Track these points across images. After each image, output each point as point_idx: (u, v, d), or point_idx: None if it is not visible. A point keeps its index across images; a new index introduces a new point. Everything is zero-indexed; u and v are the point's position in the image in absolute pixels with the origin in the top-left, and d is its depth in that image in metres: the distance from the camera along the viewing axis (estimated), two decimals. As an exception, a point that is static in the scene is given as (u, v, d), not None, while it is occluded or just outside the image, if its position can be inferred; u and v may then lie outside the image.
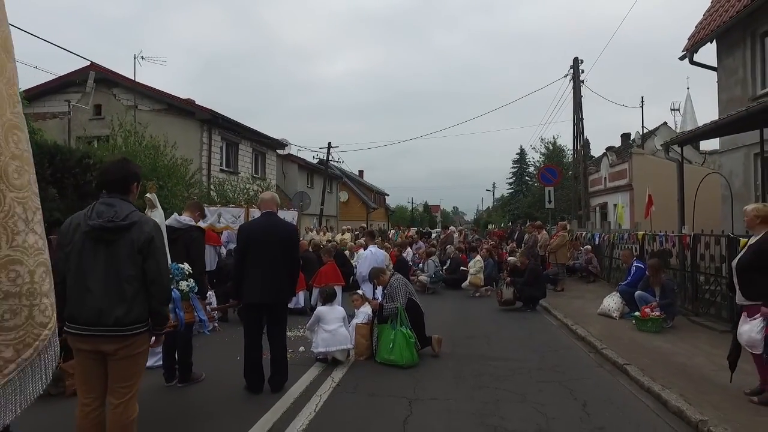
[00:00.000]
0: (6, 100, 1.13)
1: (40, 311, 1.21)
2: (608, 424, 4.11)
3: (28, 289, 1.18)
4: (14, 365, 1.15)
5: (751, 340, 4.31)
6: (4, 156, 1.13)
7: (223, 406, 4.45)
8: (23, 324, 1.16)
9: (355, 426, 4.07)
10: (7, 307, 1.14)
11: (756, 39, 11.12)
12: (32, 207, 1.20)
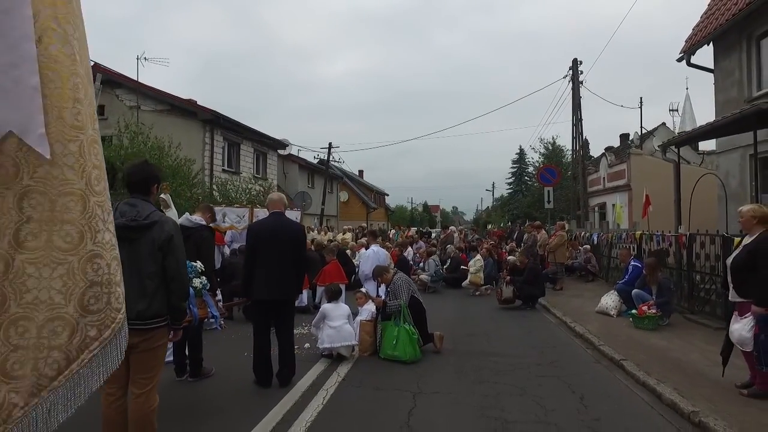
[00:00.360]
0: (89, 118, 1.30)
1: (115, 298, 1.39)
2: (604, 415, 4.28)
3: (107, 279, 1.35)
4: (97, 343, 1.32)
5: (742, 339, 4.49)
6: (88, 166, 1.30)
7: (233, 400, 4.61)
8: (104, 308, 1.34)
9: (362, 418, 4.24)
10: (92, 294, 1.31)
11: (752, 41, 11.29)
12: (107, 209, 1.37)
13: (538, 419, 4.18)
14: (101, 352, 1.32)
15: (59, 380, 1.23)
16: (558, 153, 37.31)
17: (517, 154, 50.68)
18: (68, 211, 1.24)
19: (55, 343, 1.21)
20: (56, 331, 1.22)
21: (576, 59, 21.14)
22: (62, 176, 1.23)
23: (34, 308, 1.20)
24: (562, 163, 34.03)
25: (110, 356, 1.34)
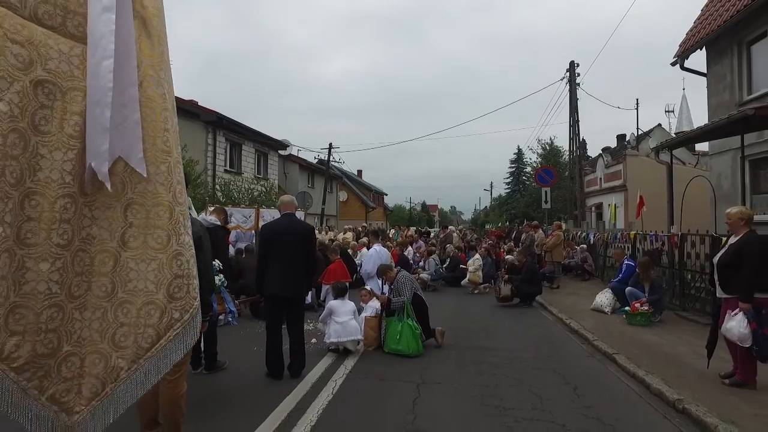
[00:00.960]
0: (174, 144, 1.59)
1: (193, 288, 1.68)
2: (596, 403, 4.59)
3: (187, 273, 1.64)
4: (180, 324, 1.62)
5: (741, 336, 4.69)
6: (174, 183, 1.59)
7: (247, 391, 4.91)
8: (185, 296, 1.63)
9: (370, 406, 4.54)
10: (176, 284, 1.61)
11: (743, 47, 11.63)
12: (187, 217, 1.66)
13: (533, 407, 4.49)
14: (182, 331, 1.62)
15: (152, 351, 1.53)
16: (555, 154, 37.68)
17: (515, 154, 51.11)
18: (159, 219, 1.54)
19: (149, 322, 1.51)
20: (150, 313, 1.52)
21: (573, 62, 21.50)
22: (155, 191, 1.53)
23: (134, 294, 1.50)
24: (559, 163, 34.39)
25: (189, 334, 1.64)
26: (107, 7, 1.29)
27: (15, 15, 1.18)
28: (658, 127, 27.04)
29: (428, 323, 6.65)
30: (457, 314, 9.47)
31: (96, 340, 1.42)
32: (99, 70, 1.29)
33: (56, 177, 1.29)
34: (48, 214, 1.28)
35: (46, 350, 1.31)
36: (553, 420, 4.18)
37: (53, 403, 1.33)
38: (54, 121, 1.28)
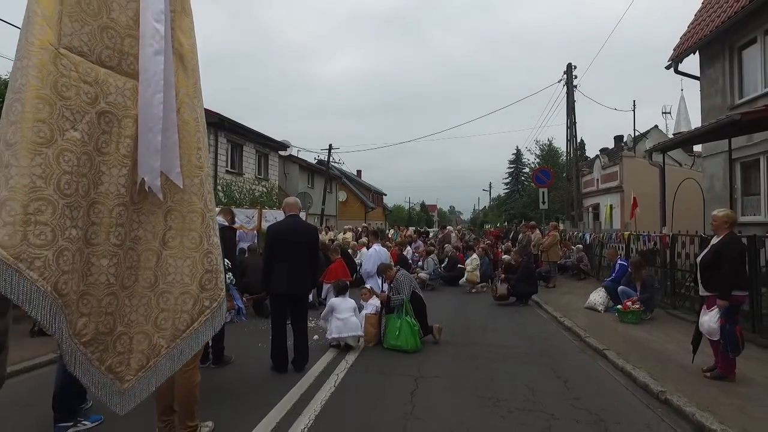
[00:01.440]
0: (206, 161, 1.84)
1: (220, 281, 1.94)
2: (584, 395, 4.85)
3: (216, 268, 1.90)
4: (209, 310, 1.88)
5: (710, 330, 5.03)
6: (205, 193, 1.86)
7: (254, 383, 5.16)
8: (213, 287, 1.89)
9: (371, 397, 4.79)
10: (207, 278, 1.87)
11: (734, 52, 11.89)
12: (215, 221, 1.91)
13: (525, 399, 4.75)
14: (211, 317, 1.88)
15: (187, 332, 1.79)
16: (554, 154, 37.96)
17: (514, 154, 51.43)
18: (193, 223, 1.80)
19: (185, 308, 1.77)
20: (185, 301, 1.78)
21: (570, 64, 21.75)
22: (190, 200, 1.79)
23: (172, 285, 1.76)
24: (557, 164, 34.66)
25: (216, 320, 1.90)
26: (158, 50, 1.54)
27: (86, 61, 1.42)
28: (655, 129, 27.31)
29: (426, 320, 6.90)
30: (454, 312, 9.72)
31: (141, 323, 1.67)
32: (152, 101, 1.55)
33: (113, 189, 1.54)
34: (107, 219, 1.54)
35: (105, 329, 1.56)
36: (543, 410, 4.44)
37: (110, 372, 1.58)
38: (112, 143, 1.53)
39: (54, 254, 1.30)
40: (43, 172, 1.29)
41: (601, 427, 4.09)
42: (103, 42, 1.50)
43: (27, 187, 1.25)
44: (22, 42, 1.33)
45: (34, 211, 1.26)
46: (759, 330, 6.53)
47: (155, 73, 1.54)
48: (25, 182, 1.25)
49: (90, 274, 1.49)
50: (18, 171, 1.25)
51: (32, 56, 1.31)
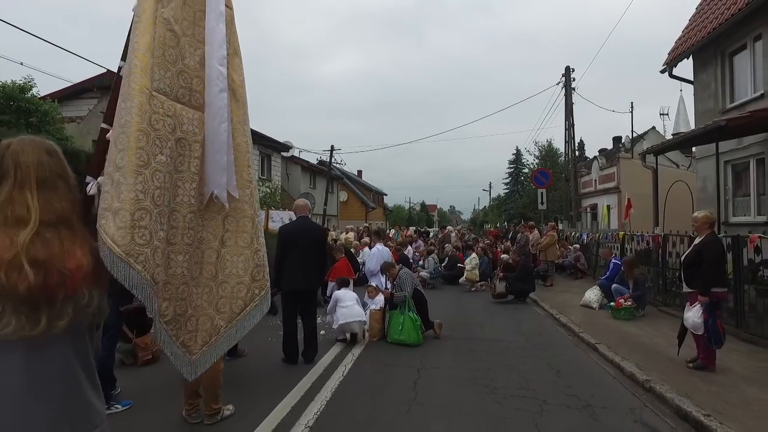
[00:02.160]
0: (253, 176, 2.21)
1: (266, 273, 2.32)
2: (575, 384, 5.23)
3: (263, 263, 2.28)
4: (258, 297, 2.25)
5: (695, 325, 5.39)
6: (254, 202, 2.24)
7: (268, 373, 5.53)
8: (261, 278, 2.26)
9: (377, 385, 5.17)
10: (257, 270, 2.24)
11: (725, 57, 12.26)
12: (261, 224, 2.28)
13: (520, 386, 5.13)
14: (259, 303, 2.26)
15: (241, 315, 2.17)
16: (553, 155, 38.32)
17: (514, 154, 51.66)
18: (245, 226, 2.18)
19: (239, 295, 2.15)
20: (240, 290, 2.16)
21: (568, 67, 22.11)
22: (242, 208, 2.17)
23: (229, 277, 2.14)
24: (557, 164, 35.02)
25: (263, 305, 2.28)
26: (222, 89, 1.92)
27: (168, 99, 1.80)
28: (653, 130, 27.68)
29: (427, 316, 7.28)
30: (454, 310, 10.10)
31: (205, 307, 2.05)
32: (219, 129, 1.93)
33: (186, 200, 1.92)
34: (181, 223, 1.91)
35: (180, 312, 1.93)
36: (536, 397, 4.81)
37: (183, 347, 1.95)
38: (185, 163, 1.90)
39: (151, 251, 1.67)
40: (142, 188, 1.67)
41: (588, 411, 4.46)
42: (178, 83, 1.88)
43: (133, 200, 1.63)
44: (125, 87, 1.71)
45: (137, 219, 1.64)
46: (742, 325, 6.91)
47: (221, 107, 1.92)
48: (132, 196, 1.63)
49: (170, 267, 1.86)
50: (126, 187, 1.63)
51: (134, 98, 1.69)
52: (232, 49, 2.05)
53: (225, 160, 1.93)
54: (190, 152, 1.88)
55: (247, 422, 4.12)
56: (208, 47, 1.91)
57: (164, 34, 1.79)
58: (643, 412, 4.45)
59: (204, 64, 1.92)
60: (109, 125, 1.80)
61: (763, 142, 10.47)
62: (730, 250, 7.19)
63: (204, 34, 1.92)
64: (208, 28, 1.93)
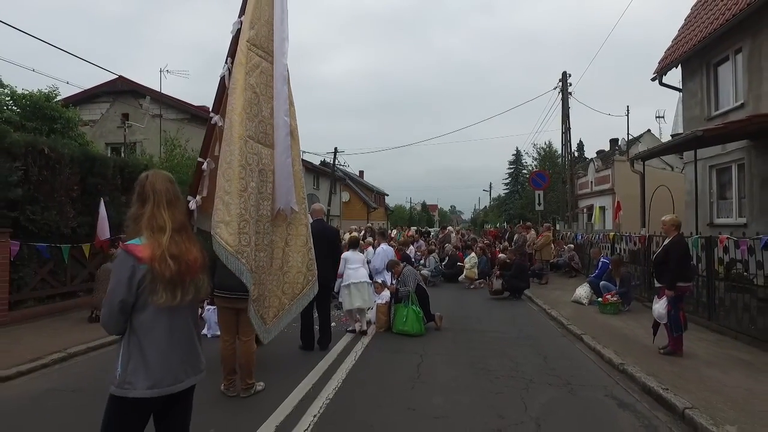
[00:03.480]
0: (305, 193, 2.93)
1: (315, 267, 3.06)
2: (559, 367, 5.95)
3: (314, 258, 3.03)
4: (310, 284, 3.00)
5: (659, 314, 6.14)
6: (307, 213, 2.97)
7: (289, 358, 6.26)
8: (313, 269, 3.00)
9: (385, 368, 5.90)
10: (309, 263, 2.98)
11: (710, 68, 12.97)
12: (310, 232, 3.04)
13: (510, 369, 5.86)
14: (311, 288, 3.00)
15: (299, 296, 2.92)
16: (552, 156, 39.05)
17: (514, 155, 52.49)
18: (302, 231, 2.92)
19: (298, 281, 2.89)
20: (298, 277, 2.90)
21: (565, 72, 22.83)
22: (299, 218, 2.91)
23: (291, 268, 2.88)
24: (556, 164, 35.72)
25: (313, 290, 3.02)
26: (287, 133, 2.65)
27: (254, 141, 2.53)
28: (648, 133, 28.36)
29: (429, 309, 8.01)
30: (454, 305, 10.83)
31: (274, 290, 2.77)
32: (285, 162, 2.66)
33: (265, 213, 2.65)
34: (262, 230, 2.64)
35: (260, 293, 2.66)
36: (523, 377, 5.55)
37: (261, 319, 2.67)
38: (264, 187, 2.63)
39: (250, 250, 2.39)
40: (244, 206, 2.40)
41: (567, 388, 5.19)
42: (259, 129, 2.60)
43: (238, 215, 2.36)
44: (228, 135, 2.44)
45: (242, 228, 2.37)
46: (713, 318, 7.63)
47: (286, 146, 2.64)
48: (237, 212, 2.37)
49: (255, 261, 2.59)
50: (233, 206, 2.36)
51: (235, 144, 2.43)
52: (290, 101, 2.77)
53: (289, 184, 2.65)
54: (266, 179, 2.60)
55: (276, 396, 4.83)
56: (276, 103, 2.63)
57: (250, 97, 2.51)
58: (614, 389, 5.18)
59: (273, 114, 2.64)
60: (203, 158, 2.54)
61: (743, 148, 11.17)
62: (704, 249, 7.92)
63: (273, 93, 2.64)
64: (276, 89, 2.65)
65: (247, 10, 2.57)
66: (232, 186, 2.33)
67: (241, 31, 2.51)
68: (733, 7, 11.07)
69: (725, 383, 5.04)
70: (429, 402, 4.75)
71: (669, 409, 4.49)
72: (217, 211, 2.30)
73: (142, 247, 2.13)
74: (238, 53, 2.46)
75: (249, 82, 2.49)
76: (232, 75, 2.47)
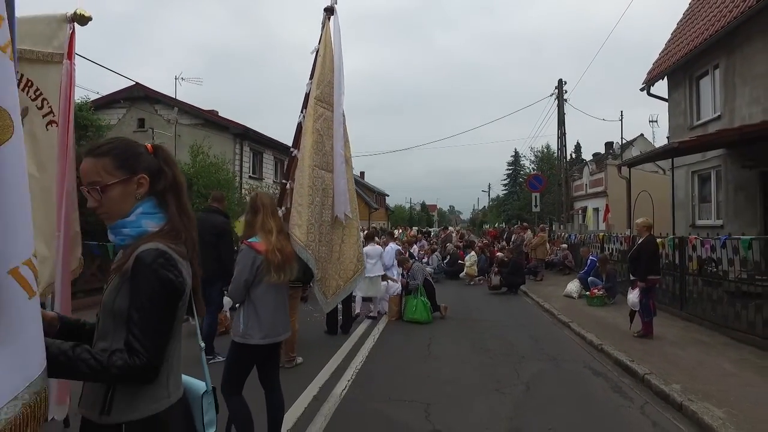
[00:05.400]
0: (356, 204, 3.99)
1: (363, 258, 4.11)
2: (548, 347, 7.02)
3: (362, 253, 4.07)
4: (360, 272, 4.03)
5: (633, 303, 7.21)
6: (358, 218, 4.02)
7: (317, 340, 7.31)
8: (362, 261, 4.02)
9: (400, 346, 6.96)
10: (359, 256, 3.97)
11: (693, 81, 14.05)
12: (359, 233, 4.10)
13: (506, 348, 6.92)
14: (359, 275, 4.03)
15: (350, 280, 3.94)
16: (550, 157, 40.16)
17: (512, 156, 53.53)
18: (354, 232, 3.94)
19: (350, 269, 3.91)
20: (350, 267, 3.90)
21: (561, 80, 23.91)
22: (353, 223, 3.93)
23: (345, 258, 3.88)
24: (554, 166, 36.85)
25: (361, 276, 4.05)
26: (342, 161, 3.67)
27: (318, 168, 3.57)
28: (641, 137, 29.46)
29: (435, 300, 9.08)
30: (456, 299, 11.86)
31: (333, 274, 3.79)
32: (341, 183, 3.68)
33: (326, 219, 3.65)
34: (324, 231, 3.65)
35: (322, 275, 3.67)
36: (517, 354, 6.62)
37: (323, 294, 3.69)
38: (326, 201, 3.67)
39: (315, 244, 3.43)
40: (311, 214, 3.42)
41: (553, 362, 6.26)
42: (322, 160, 3.61)
43: (307, 221, 3.38)
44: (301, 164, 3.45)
45: (309, 229, 3.37)
46: (684, 308, 8.69)
47: (341, 171, 3.65)
48: (306, 218, 3.36)
49: (318, 254, 3.61)
50: (305, 215, 3.35)
51: (306, 171, 3.44)
52: (345, 137, 3.81)
53: (344, 199, 3.68)
54: (327, 195, 3.64)
55: (313, 368, 5.89)
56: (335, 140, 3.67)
57: (317, 138, 3.56)
58: (591, 362, 6.26)
59: (333, 148, 3.68)
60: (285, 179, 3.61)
61: (720, 156, 12.24)
62: (677, 248, 9.00)
63: (332, 133, 3.70)
64: (335, 129, 3.70)
65: (314, 75, 3.62)
66: (303, 200, 3.36)
67: (311, 90, 3.58)
68: (710, 28, 12.17)
69: (682, 357, 6.12)
70: (439, 371, 5.83)
71: (633, 375, 5.56)
72: (293, 217, 3.34)
73: (258, 243, 3.19)
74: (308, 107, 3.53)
75: (315, 128, 3.54)
76: (305, 122, 3.54)
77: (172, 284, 1.45)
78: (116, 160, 1.54)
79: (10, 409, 1.12)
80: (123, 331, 1.43)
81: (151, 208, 1.58)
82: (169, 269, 1.45)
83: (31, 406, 1.16)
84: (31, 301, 1.18)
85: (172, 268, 1.46)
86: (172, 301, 1.46)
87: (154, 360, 1.39)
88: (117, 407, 1.43)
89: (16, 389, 1.13)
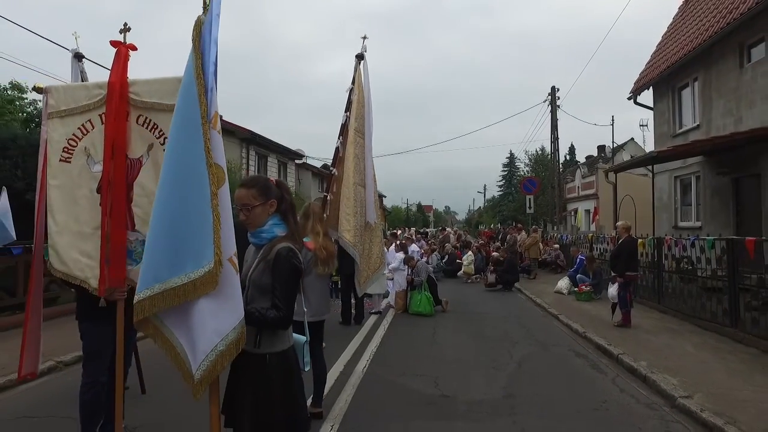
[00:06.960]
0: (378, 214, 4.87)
1: (383, 255, 5.04)
2: (538, 335, 7.97)
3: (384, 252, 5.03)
4: (382, 267, 4.97)
5: (612, 296, 8.18)
6: (381, 225, 4.93)
7: (335, 330, 8.20)
8: (383, 257, 4.98)
9: (408, 335, 7.89)
10: (382, 254, 4.95)
11: (675, 91, 15.06)
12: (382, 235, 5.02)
13: (501, 335, 7.87)
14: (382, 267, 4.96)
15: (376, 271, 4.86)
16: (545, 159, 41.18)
17: (508, 158, 54.51)
18: (379, 234, 4.86)
19: (375, 263, 4.81)
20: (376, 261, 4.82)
21: (554, 87, 24.87)
22: (376, 227, 4.85)
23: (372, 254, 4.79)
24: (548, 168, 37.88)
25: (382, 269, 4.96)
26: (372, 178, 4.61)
27: (358, 185, 4.48)
28: (631, 141, 30.52)
29: (437, 295, 10.02)
30: (454, 296, 12.77)
31: (365, 268, 4.70)
32: (370, 196, 4.61)
33: (361, 224, 4.60)
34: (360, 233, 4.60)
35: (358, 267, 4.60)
36: (510, 340, 7.56)
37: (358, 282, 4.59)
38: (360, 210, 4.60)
39: (359, 243, 4.34)
40: (355, 220, 4.34)
41: (542, 346, 7.21)
42: (360, 177, 4.54)
43: (354, 225, 4.31)
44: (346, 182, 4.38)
45: (355, 232, 4.32)
46: (662, 301, 9.66)
47: (371, 186, 4.60)
48: (353, 224, 4.30)
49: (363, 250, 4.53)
50: (352, 222, 4.31)
51: (351, 188, 4.38)
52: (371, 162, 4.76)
53: (372, 208, 4.61)
54: (362, 205, 4.56)
55: (335, 352, 6.78)
56: (367, 162, 4.61)
57: (355, 161, 4.49)
58: (575, 347, 7.21)
59: (365, 168, 4.62)
60: (326, 193, 4.55)
61: (699, 162, 13.24)
62: (655, 247, 9.98)
63: (364, 155, 4.63)
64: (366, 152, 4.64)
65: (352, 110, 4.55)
66: (350, 210, 4.30)
67: (349, 122, 4.52)
68: (690, 44, 13.18)
69: (653, 341, 7.09)
70: (444, 353, 6.77)
71: (609, 356, 6.52)
72: (342, 223, 4.27)
73: (309, 243, 4.11)
74: (348, 136, 4.48)
75: (355, 153, 4.49)
76: (346, 148, 4.48)
77: (298, 269, 2.37)
78: (259, 191, 2.45)
79: (231, 334, 2.04)
80: (265, 298, 2.34)
81: (278, 221, 2.49)
82: (297, 259, 2.37)
83: (239, 334, 2.08)
84: (237, 276, 2.11)
85: (297, 259, 2.38)
86: (297, 278, 2.38)
87: (289, 314, 2.31)
88: (264, 343, 2.34)
89: (233, 323, 2.05)
